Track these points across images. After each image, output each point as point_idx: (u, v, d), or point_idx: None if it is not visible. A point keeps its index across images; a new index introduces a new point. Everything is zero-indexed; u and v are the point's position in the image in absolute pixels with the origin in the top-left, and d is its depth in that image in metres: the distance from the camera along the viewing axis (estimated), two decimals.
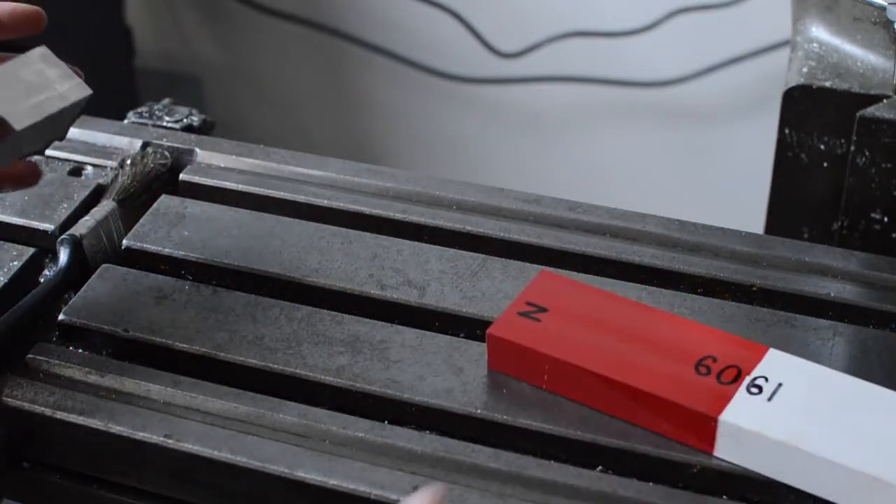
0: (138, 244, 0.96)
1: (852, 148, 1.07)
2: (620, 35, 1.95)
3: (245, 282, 0.94)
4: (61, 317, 0.90)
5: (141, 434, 0.83)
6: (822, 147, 1.10)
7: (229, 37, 2.24)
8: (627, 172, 2.10)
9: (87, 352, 0.89)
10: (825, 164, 1.11)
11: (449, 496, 0.78)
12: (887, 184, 1.07)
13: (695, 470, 0.79)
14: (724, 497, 0.79)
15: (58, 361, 0.88)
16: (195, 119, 1.11)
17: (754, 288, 0.92)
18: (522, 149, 2.15)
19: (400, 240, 0.97)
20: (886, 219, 1.08)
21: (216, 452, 0.82)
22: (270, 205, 1.01)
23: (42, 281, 0.95)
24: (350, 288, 0.92)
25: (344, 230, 0.97)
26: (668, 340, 0.83)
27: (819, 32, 1.11)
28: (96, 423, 0.84)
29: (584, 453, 0.81)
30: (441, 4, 2.03)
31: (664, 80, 1.97)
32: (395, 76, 2.14)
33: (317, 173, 1.03)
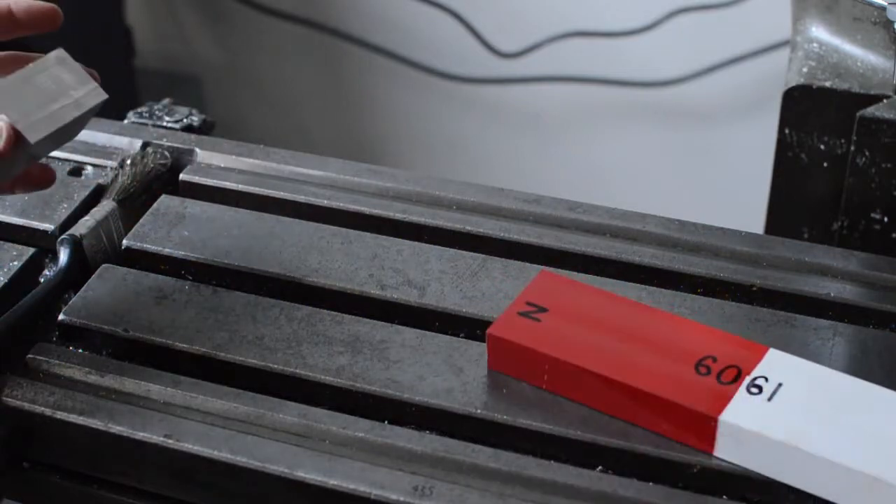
0: (138, 244, 0.96)
1: (852, 148, 1.07)
2: (620, 35, 1.95)
3: (245, 282, 0.94)
4: (61, 317, 0.90)
5: (141, 434, 0.83)
6: (822, 147, 1.10)
7: (229, 37, 2.24)
8: (627, 172, 2.10)
9: (87, 352, 0.89)
10: (825, 164, 1.11)
11: (449, 496, 0.78)
12: (887, 184, 1.07)
13: (695, 470, 0.79)
14: (724, 497, 0.79)
15: (58, 361, 0.88)
16: (195, 119, 1.11)
17: (754, 288, 0.92)
18: (522, 149, 2.15)
19: (400, 240, 0.97)
20: (886, 219, 1.08)
21: (216, 452, 0.82)
22: (270, 205, 1.01)
23: (42, 281, 0.95)
24: (350, 288, 0.92)
25: (344, 230, 0.97)
26: (668, 340, 0.83)
27: (819, 32, 1.11)
28: (96, 423, 0.84)
29: (584, 453, 0.81)
30: (441, 4, 2.03)
31: (664, 80, 1.97)
32: (395, 76, 2.14)
33: (317, 173, 1.03)
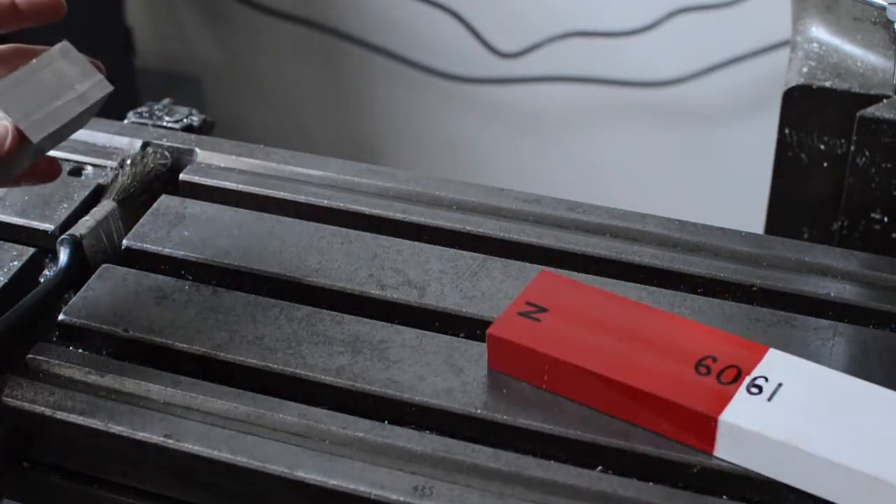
0: (138, 244, 0.96)
1: (852, 148, 1.07)
2: (620, 35, 1.95)
3: (245, 282, 0.94)
4: (61, 317, 0.90)
5: (141, 434, 0.83)
6: (822, 147, 1.10)
7: (229, 37, 2.24)
8: (627, 172, 2.10)
9: (87, 352, 0.89)
10: (825, 164, 1.11)
11: (449, 496, 0.78)
12: (887, 184, 1.07)
13: (695, 470, 0.79)
14: (724, 497, 0.79)
15: (58, 361, 0.88)
16: (195, 119, 1.11)
17: (754, 288, 0.92)
18: (522, 149, 2.15)
19: (400, 240, 0.97)
20: (886, 219, 1.08)
21: (216, 452, 0.82)
22: (270, 205, 1.01)
23: (42, 281, 0.95)
24: (350, 288, 0.92)
25: (344, 230, 0.97)
26: (668, 340, 0.83)
27: (819, 32, 1.11)
28: (96, 423, 0.84)
29: (584, 453, 0.81)
30: (441, 4, 2.03)
31: (664, 80, 1.97)
32: (395, 76, 2.14)
33: (317, 173, 1.03)
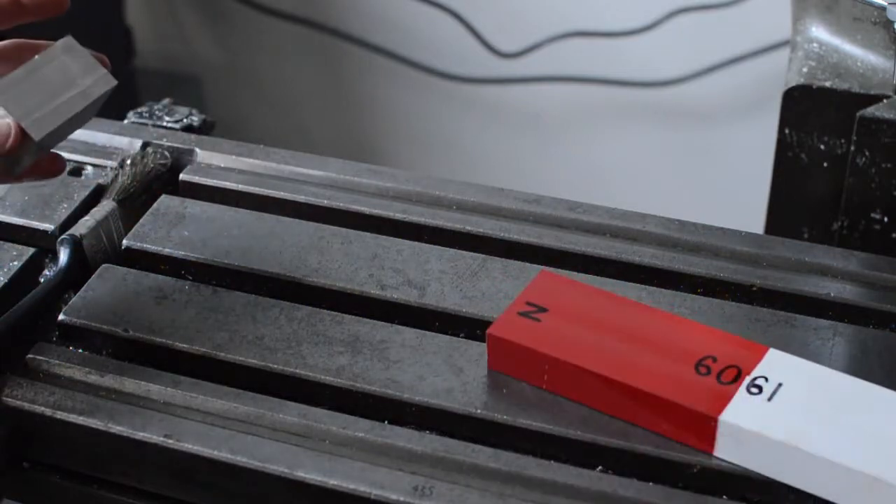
0: (138, 244, 0.96)
1: (852, 148, 1.07)
2: (620, 35, 1.95)
3: (245, 282, 0.94)
4: (61, 317, 0.90)
5: (141, 434, 0.83)
6: (822, 147, 1.10)
7: (229, 37, 2.24)
8: (627, 172, 2.10)
9: (87, 352, 0.89)
10: (825, 164, 1.11)
11: (449, 496, 0.78)
12: (887, 184, 1.07)
13: (695, 470, 0.79)
14: (724, 497, 0.79)
15: (58, 361, 0.88)
16: (195, 119, 1.11)
17: (754, 288, 0.92)
18: (522, 149, 2.14)
19: (400, 240, 0.97)
20: (886, 219, 1.08)
21: (216, 452, 0.82)
22: (270, 205, 1.01)
23: (42, 281, 0.95)
24: (350, 288, 0.92)
25: (344, 230, 0.97)
26: (668, 340, 0.83)
27: (819, 32, 1.11)
28: (96, 423, 0.84)
29: (584, 453, 0.81)
30: (441, 4, 2.03)
31: (664, 80, 1.97)
32: (395, 76, 2.14)
33: (317, 173, 1.03)
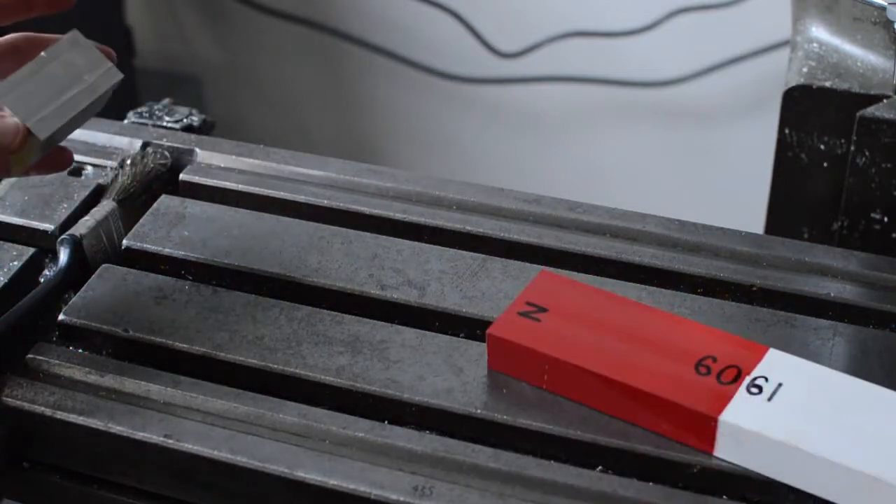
0: (138, 244, 0.96)
1: (852, 148, 1.07)
2: (620, 35, 1.95)
3: (245, 282, 0.94)
4: (61, 317, 0.90)
5: (141, 434, 0.83)
6: (822, 147, 1.10)
7: (229, 37, 2.24)
8: (627, 172, 2.10)
9: (87, 352, 0.89)
10: (825, 164, 1.11)
11: (449, 496, 0.78)
12: (887, 184, 1.07)
13: (695, 470, 0.79)
14: (724, 497, 0.79)
15: (58, 361, 0.88)
16: (195, 119, 1.11)
17: (754, 288, 0.92)
18: (522, 149, 2.15)
19: (400, 240, 0.97)
20: (886, 219, 1.08)
21: (216, 452, 0.82)
22: (270, 205, 1.01)
23: (42, 281, 0.95)
24: (350, 288, 0.92)
25: (344, 230, 0.97)
26: (668, 340, 0.83)
27: (819, 32, 1.11)
28: (96, 423, 0.84)
29: (584, 453, 0.81)
30: (441, 4, 2.03)
31: (664, 80, 1.97)
32: (395, 76, 2.14)
33: (317, 173, 1.03)
